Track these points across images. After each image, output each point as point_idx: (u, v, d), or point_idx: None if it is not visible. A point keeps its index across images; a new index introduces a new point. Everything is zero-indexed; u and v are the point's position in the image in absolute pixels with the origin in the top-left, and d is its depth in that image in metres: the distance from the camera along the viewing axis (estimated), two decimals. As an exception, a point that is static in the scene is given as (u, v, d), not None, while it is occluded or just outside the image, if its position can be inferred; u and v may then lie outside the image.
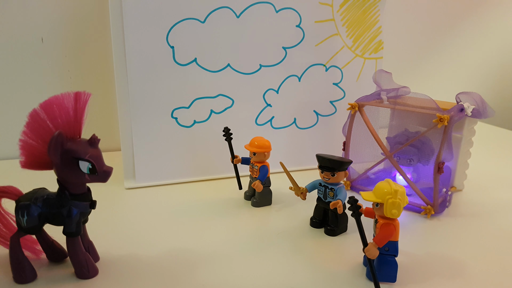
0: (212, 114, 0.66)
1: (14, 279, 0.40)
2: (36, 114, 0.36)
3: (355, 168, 0.65)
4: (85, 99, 0.37)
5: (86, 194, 0.40)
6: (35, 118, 0.36)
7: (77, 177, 0.37)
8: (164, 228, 0.52)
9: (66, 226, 0.39)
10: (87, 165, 0.37)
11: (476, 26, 1.12)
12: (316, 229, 0.52)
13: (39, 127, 0.36)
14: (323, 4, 0.68)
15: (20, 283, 0.40)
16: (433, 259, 0.46)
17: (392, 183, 0.40)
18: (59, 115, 0.37)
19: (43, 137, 0.36)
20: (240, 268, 0.43)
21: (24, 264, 0.40)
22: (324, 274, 0.43)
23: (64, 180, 0.38)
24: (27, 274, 0.40)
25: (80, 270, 0.41)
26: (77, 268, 0.41)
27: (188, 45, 0.62)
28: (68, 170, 0.37)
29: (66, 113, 0.37)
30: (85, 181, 0.38)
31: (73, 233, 0.39)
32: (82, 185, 0.39)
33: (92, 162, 0.37)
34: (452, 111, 0.55)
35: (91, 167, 0.37)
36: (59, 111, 0.37)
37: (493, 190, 0.66)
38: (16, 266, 0.40)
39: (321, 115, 0.74)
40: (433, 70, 1.12)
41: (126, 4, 0.58)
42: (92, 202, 0.40)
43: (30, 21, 0.72)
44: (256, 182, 0.57)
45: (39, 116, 0.36)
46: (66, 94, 0.37)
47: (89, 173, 0.37)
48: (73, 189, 0.39)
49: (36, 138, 0.37)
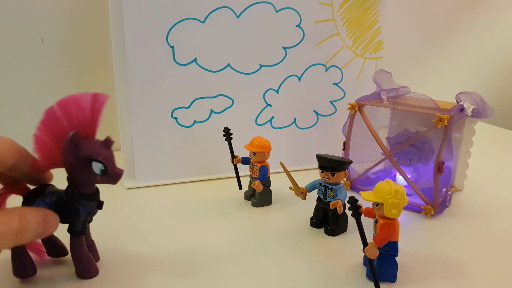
0: (212, 114, 0.66)
1: (14, 273, 0.40)
2: (52, 112, 0.36)
3: (355, 168, 0.65)
4: (102, 101, 0.37)
5: (95, 194, 0.39)
6: (51, 115, 0.36)
7: (88, 177, 0.37)
8: (164, 228, 0.52)
9: (72, 224, 0.39)
10: (100, 166, 0.36)
11: (476, 26, 1.12)
12: (316, 229, 0.52)
13: (55, 125, 0.36)
14: (323, 4, 0.68)
15: (19, 277, 0.40)
16: (433, 259, 0.46)
17: (392, 183, 0.40)
18: (75, 115, 0.36)
19: (57, 136, 0.36)
20: (240, 268, 0.43)
21: (25, 258, 0.40)
22: (324, 274, 0.43)
23: (75, 179, 0.38)
24: (27, 269, 0.40)
25: (81, 270, 0.41)
26: (79, 267, 0.40)
27: (188, 45, 0.62)
28: (80, 170, 0.37)
29: (82, 113, 0.36)
30: (96, 182, 0.38)
31: (78, 232, 0.39)
32: (92, 186, 0.39)
33: (105, 164, 0.36)
34: (452, 111, 0.55)
35: (103, 168, 0.36)
36: (75, 110, 0.36)
37: (493, 190, 0.66)
38: (17, 260, 0.40)
39: (321, 115, 0.74)
40: (433, 70, 1.12)
41: (126, 4, 0.58)
42: (100, 202, 0.40)
43: (30, 21, 0.72)
44: (256, 182, 0.57)
45: (55, 114, 0.36)
46: (84, 94, 0.36)
47: (101, 174, 0.37)
48: (83, 188, 0.38)
49: (51, 136, 0.36)
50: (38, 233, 0.35)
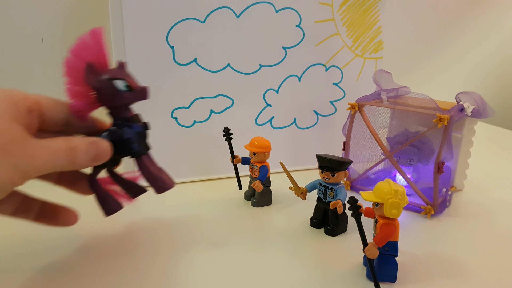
0: (212, 114, 0.66)
1: (104, 214, 0.43)
2: (69, 61, 0.40)
3: (355, 168, 0.65)
4: (98, 32, 0.40)
5: (135, 116, 0.42)
6: (70, 64, 0.40)
7: (118, 98, 0.39)
8: (164, 228, 0.52)
9: (128, 148, 0.41)
10: (122, 82, 0.39)
11: (476, 26, 1.12)
12: (316, 229, 0.52)
13: (74, 70, 0.39)
14: (323, 4, 0.68)
15: (109, 215, 0.43)
16: (433, 259, 0.46)
17: (392, 183, 0.40)
18: (84, 54, 0.39)
19: (80, 77, 0.39)
20: (240, 268, 0.43)
21: (107, 197, 0.43)
22: (324, 274, 0.43)
23: (110, 106, 0.40)
24: (112, 205, 0.43)
25: (156, 185, 0.42)
26: (154, 184, 0.42)
27: (188, 45, 0.62)
28: (108, 93, 0.39)
29: (88, 50, 0.39)
30: (127, 101, 0.40)
31: (138, 152, 0.41)
32: (127, 109, 0.41)
33: (126, 79, 0.39)
34: (452, 111, 0.55)
35: (126, 84, 0.39)
36: (83, 50, 0.39)
37: (493, 190, 0.66)
38: (101, 201, 0.43)
39: (321, 115, 0.74)
40: (433, 70, 1.12)
41: (126, 4, 0.58)
42: (144, 123, 0.42)
43: (30, 21, 0.72)
44: (256, 182, 0.57)
45: (72, 61, 0.39)
46: (84, 35, 0.39)
47: (127, 90, 0.39)
48: (120, 113, 0.41)
49: (76, 81, 0.39)
50: (92, 155, 0.37)
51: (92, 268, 0.43)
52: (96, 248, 0.47)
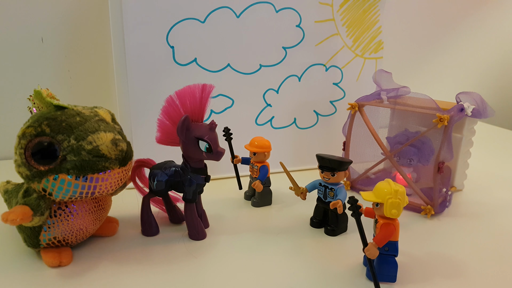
0: (212, 114, 0.66)
1: (142, 232, 0.50)
2: (171, 100, 0.45)
3: (355, 168, 0.65)
4: (209, 90, 0.45)
5: (203, 169, 0.47)
6: (170, 103, 0.45)
7: (197, 153, 0.45)
8: (164, 227, 0.52)
9: (185, 193, 0.47)
10: (205, 144, 0.44)
11: (476, 26, 1.12)
12: (316, 229, 0.52)
13: (173, 110, 0.45)
14: (323, 4, 0.68)
15: (146, 236, 0.49)
16: (433, 259, 0.46)
17: (392, 183, 0.40)
18: (189, 103, 0.45)
19: (174, 119, 0.45)
20: (240, 268, 0.43)
21: (151, 220, 0.50)
22: (324, 274, 0.43)
23: (187, 156, 0.46)
24: (153, 229, 0.50)
25: (192, 232, 0.48)
26: (190, 229, 0.48)
27: (188, 45, 0.62)
28: (190, 147, 0.45)
29: (194, 101, 0.45)
30: (202, 158, 0.46)
31: (190, 200, 0.48)
32: (200, 161, 0.47)
33: (209, 142, 0.44)
34: (452, 111, 0.55)
35: (208, 146, 0.44)
36: (189, 99, 0.45)
37: (493, 190, 0.66)
38: (145, 221, 0.49)
39: (321, 115, 0.74)
40: (433, 70, 1.12)
41: (126, 4, 0.58)
42: (207, 176, 0.48)
43: (30, 21, 0.72)
44: (256, 182, 0.57)
45: (174, 102, 0.45)
46: (196, 85, 0.45)
47: (206, 151, 0.45)
48: (194, 164, 0.47)
49: (170, 120, 0.46)
50: None
51: (92, 268, 0.43)
52: (96, 248, 0.47)
